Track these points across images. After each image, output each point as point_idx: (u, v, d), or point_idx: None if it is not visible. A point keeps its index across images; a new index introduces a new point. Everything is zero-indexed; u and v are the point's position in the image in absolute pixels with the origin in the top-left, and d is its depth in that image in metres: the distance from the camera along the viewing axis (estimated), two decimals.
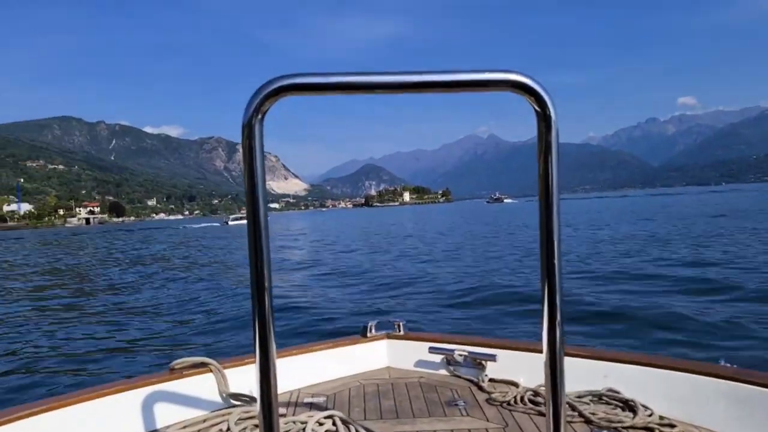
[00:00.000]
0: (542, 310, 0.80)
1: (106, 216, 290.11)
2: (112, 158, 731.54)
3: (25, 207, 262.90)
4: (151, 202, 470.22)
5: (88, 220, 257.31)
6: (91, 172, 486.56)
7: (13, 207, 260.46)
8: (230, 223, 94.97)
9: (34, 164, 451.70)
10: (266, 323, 0.74)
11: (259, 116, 0.72)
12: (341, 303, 10.12)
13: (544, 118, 0.74)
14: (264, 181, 0.73)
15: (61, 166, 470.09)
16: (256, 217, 0.72)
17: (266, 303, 0.74)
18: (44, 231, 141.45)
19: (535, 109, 0.75)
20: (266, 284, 0.74)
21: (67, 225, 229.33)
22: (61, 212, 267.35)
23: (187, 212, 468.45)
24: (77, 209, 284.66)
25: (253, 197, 0.72)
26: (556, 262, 0.77)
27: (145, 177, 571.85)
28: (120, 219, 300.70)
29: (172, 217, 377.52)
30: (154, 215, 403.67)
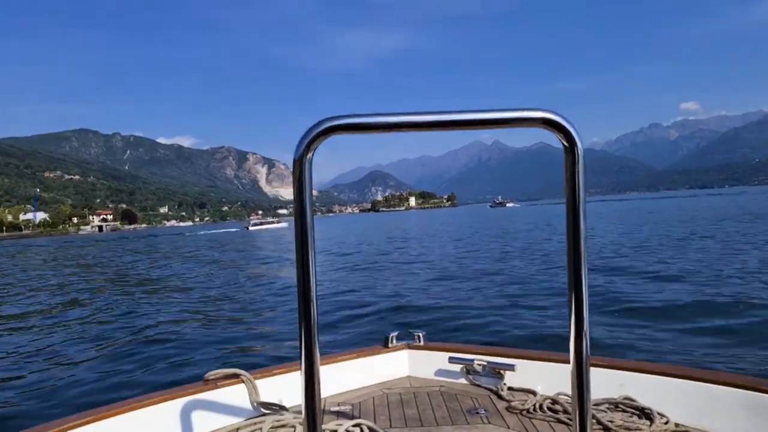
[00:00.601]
0: (569, 322, 0.82)
1: (118, 223, 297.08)
2: (126, 168, 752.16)
3: (41, 216, 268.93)
4: (163, 210, 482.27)
5: (101, 228, 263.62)
6: (106, 182, 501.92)
7: (29, 216, 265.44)
8: (251, 228, 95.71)
9: (52, 175, 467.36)
10: (312, 333, 0.78)
11: (310, 154, 0.77)
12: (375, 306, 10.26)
13: (571, 152, 0.80)
14: (312, 209, 0.79)
15: (77, 177, 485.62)
16: (305, 241, 0.77)
17: (312, 315, 0.78)
18: (57, 238, 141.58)
19: (564, 144, 0.80)
20: (312, 297, 0.78)
21: (80, 233, 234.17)
22: (75, 220, 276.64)
23: (197, 219, 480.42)
24: (90, 217, 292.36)
25: (302, 223, 0.77)
26: (583, 277, 0.80)
27: (158, 185, 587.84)
28: (132, 226, 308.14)
29: (183, 224, 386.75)
30: (166, 222, 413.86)
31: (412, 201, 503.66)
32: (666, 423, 2.11)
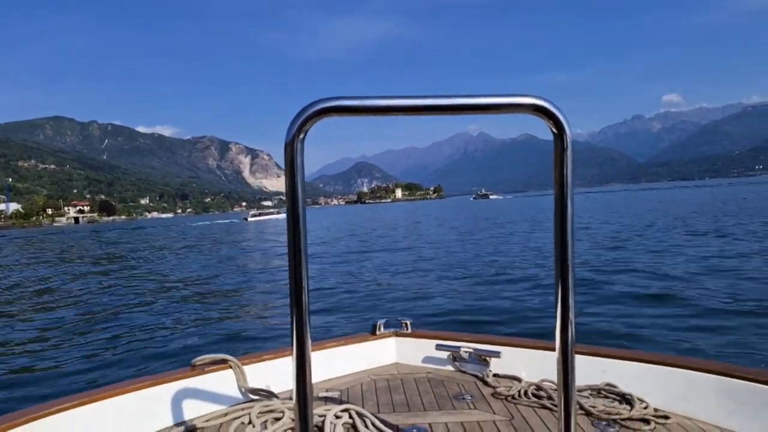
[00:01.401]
0: (556, 310, 0.83)
1: (95, 215, 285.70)
2: (105, 157, 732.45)
3: (14, 207, 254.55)
4: (144, 201, 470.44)
5: (77, 219, 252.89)
6: (83, 172, 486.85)
7: (2, 207, 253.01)
8: (249, 219, 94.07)
9: (26, 164, 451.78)
10: (303, 320, 0.78)
11: (301, 136, 0.76)
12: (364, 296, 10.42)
13: (560, 138, 0.80)
14: (304, 193, 0.78)
15: (52, 166, 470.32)
16: (296, 225, 0.77)
17: (303, 302, 0.78)
18: (30, 231, 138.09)
19: (553, 131, 0.81)
20: (304, 283, 0.78)
21: (55, 224, 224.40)
22: (50, 212, 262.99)
23: (179, 210, 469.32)
24: (66, 208, 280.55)
25: (294, 207, 0.77)
26: (570, 267, 0.81)
27: (138, 176, 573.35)
28: (110, 218, 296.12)
29: (164, 216, 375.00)
30: (147, 214, 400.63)
31: (399, 193, 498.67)
32: (645, 408, 2.18)
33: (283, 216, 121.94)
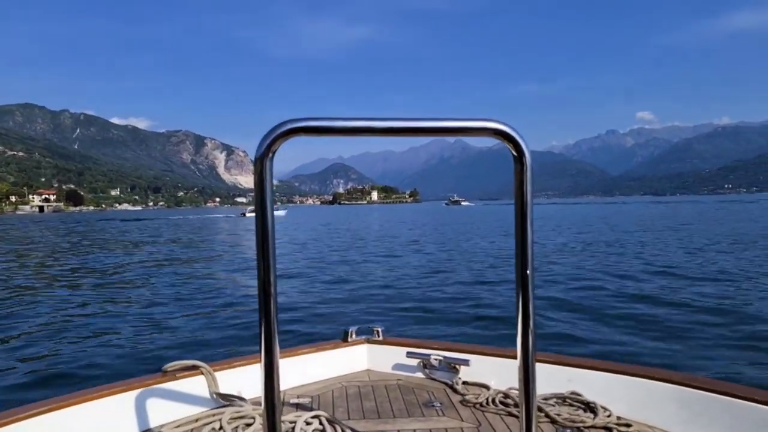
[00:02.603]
0: (517, 320, 0.87)
1: (62, 204, 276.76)
2: (76, 147, 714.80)
3: None
4: (115, 192, 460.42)
5: (41, 208, 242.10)
6: (52, 160, 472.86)
7: None
8: (247, 215, 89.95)
9: None
10: (271, 327, 0.80)
11: (270, 154, 0.80)
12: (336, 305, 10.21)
13: (520, 161, 0.85)
14: (273, 207, 0.82)
15: (20, 153, 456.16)
16: (265, 237, 0.81)
17: (272, 309, 0.80)
18: None
19: (512, 153, 0.86)
20: (272, 291, 0.80)
21: (18, 212, 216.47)
22: (13, 199, 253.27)
23: (151, 203, 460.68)
24: (31, 196, 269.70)
25: (263, 220, 0.81)
26: (529, 277, 0.85)
27: (110, 167, 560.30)
28: (77, 208, 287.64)
29: (135, 208, 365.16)
30: (117, 205, 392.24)
31: (375, 195, 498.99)
32: (609, 416, 2.24)
33: (283, 212, 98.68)
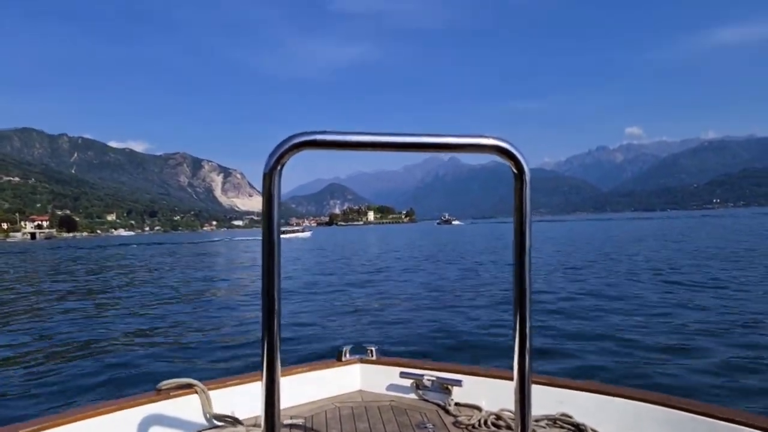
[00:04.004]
0: (514, 340, 0.86)
1: (54, 231, 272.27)
2: (73, 171, 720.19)
3: None
4: (111, 217, 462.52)
5: (33, 235, 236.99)
6: (48, 185, 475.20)
7: None
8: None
9: None
10: (274, 346, 0.80)
11: (279, 167, 0.81)
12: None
13: (520, 178, 0.86)
14: (279, 222, 0.83)
15: (16, 178, 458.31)
16: (271, 251, 0.81)
17: (275, 326, 0.80)
18: None
19: (513, 171, 0.86)
20: (276, 308, 0.81)
21: (8, 240, 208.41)
22: (5, 226, 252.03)
23: (147, 228, 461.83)
24: (23, 223, 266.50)
25: (269, 234, 0.81)
26: (527, 295, 0.85)
27: (106, 191, 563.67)
28: (71, 234, 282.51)
29: (129, 233, 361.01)
30: (113, 231, 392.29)
31: (371, 215, 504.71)
32: None
33: (308, 234, 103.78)
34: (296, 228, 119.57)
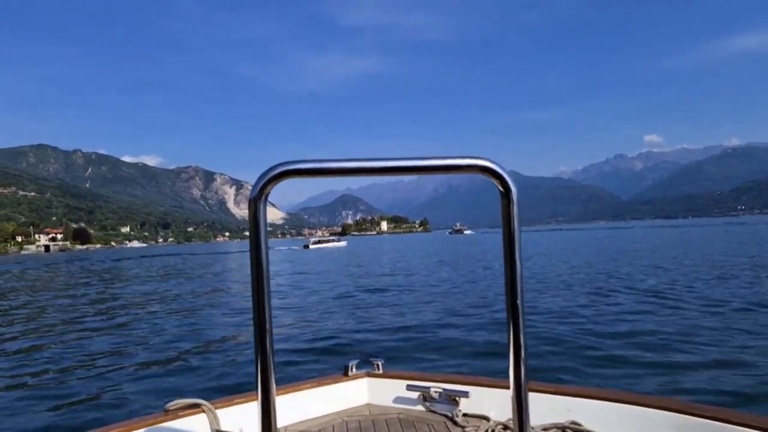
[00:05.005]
0: (509, 350, 0.88)
1: (68, 243, 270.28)
2: (88, 185, 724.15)
3: None
4: (125, 229, 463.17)
5: (47, 248, 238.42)
6: (64, 199, 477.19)
7: None
8: (311, 246, 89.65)
9: (5, 191, 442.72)
10: (267, 365, 0.81)
11: (264, 196, 0.84)
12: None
13: (506, 197, 0.88)
14: (267, 246, 0.84)
15: (33, 193, 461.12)
16: (260, 274, 0.83)
17: (267, 347, 0.82)
18: None
19: (499, 189, 0.88)
20: (268, 328, 0.83)
21: (23, 253, 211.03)
22: (20, 239, 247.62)
23: (161, 240, 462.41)
24: (37, 236, 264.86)
25: (257, 259, 0.83)
26: (519, 306, 0.87)
27: (120, 204, 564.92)
28: (84, 246, 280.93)
29: (137, 245, 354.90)
30: (127, 242, 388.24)
31: (384, 225, 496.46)
32: None
33: (344, 243, 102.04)
34: (333, 238, 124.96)
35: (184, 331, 11.76)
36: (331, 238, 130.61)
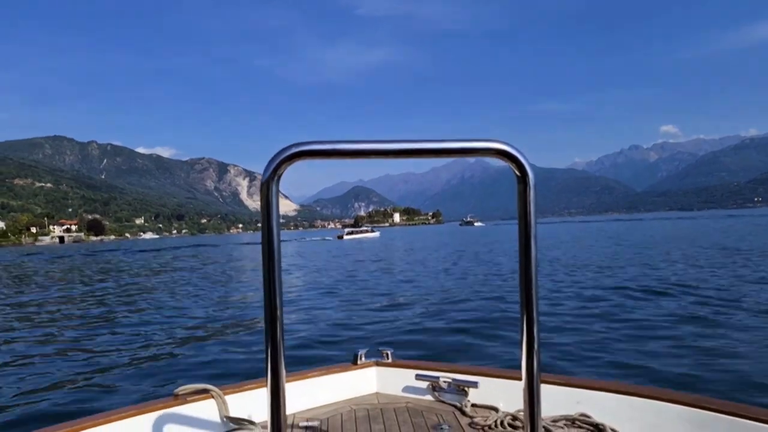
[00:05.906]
0: (521, 341, 0.86)
1: (82, 234, 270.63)
2: (103, 177, 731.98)
3: None
4: (139, 221, 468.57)
5: (62, 239, 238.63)
6: (79, 190, 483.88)
7: None
8: (345, 237, 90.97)
9: (22, 182, 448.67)
10: (278, 351, 0.81)
11: (276, 177, 0.81)
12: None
13: (523, 181, 0.84)
14: (279, 230, 0.82)
15: (49, 185, 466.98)
16: (271, 259, 0.81)
17: (278, 332, 0.81)
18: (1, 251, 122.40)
19: (516, 173, 0.85)
20: (279, 315, 0.81)
21: (37, 244, 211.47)
22: (34, 230, 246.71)
23: (175, 231, 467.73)
24: (52, 227, 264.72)
25: (269, 244, 0.81)
26: (533, 297, 0.85)
27: (134, 196, 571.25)
28: (98, 238, 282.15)
29: (149, 237, 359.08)
30: (141, 234, 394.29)
31: (397, 217, 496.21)
32: None
33: (377, 234, 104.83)
34: (366, 228, 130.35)
35: (203, 314, 12.07)
36: (364, 228, 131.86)
